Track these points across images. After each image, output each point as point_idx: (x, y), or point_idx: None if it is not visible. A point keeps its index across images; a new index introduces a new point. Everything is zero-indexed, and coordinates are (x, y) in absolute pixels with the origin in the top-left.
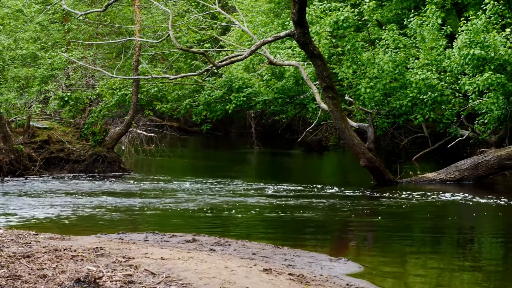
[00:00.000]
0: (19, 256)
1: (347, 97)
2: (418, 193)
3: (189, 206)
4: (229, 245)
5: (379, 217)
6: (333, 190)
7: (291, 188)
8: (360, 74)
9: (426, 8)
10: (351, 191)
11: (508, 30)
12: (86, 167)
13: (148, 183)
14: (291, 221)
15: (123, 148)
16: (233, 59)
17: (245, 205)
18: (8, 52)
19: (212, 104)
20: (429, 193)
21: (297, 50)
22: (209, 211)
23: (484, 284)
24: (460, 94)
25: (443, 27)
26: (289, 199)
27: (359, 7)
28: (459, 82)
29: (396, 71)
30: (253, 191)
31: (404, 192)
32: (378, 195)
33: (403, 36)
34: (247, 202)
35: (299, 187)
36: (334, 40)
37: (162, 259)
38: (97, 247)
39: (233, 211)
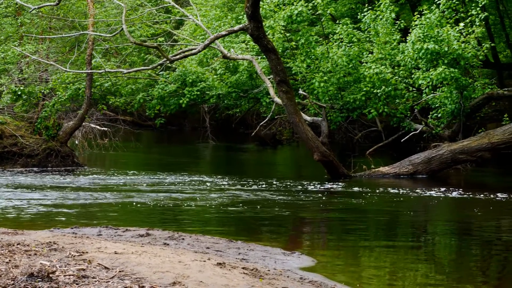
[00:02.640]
0: None
1: (301, 91)
2: (372, 187)
3: (143, 200)
4: (183, 239)
5: (333, 211)
6: (287, 184)
7: (245, 182)
8: (314, 68)
9: (380, 2)
10: (305, 185)
11: (461, 24)
12: (40, 161)
13: (102, 178)
14: (245, 215)
15: (76, 142)
16: (186, 53)
17: (199, 200)
18: None
19: (165, 98)
20: (382, 187)
21: (251, 44)
22: (163, 205)
23: (438, 277)
24: (413, 88)
25: (397, 22)
26: (243, 193)
27: (313, 1)
28: (412, 76)
29: (350, 66)
30: (207, 185)
31: (357, 186)
32: (332, 189)
33: (357, 30)
34: (201, 197)
35: (253, 181)
36: (288, 34)
37: (115, 253)
38: (51, 242)
39: (187, 205)
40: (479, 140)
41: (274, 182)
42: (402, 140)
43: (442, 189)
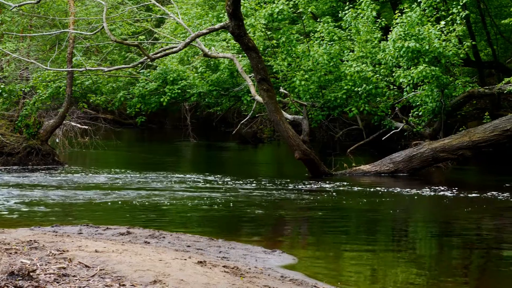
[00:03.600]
0: None
1: (282, 90)
2: (353, 185)
3: (123, 198)
4: (164, 237)
5: (314, 210)
6: (268, 183)
7: (226, 180)
8: (295, 67)
9: (361, 0)
10: (286, 184)
11: (442, 23)
12: (20, 160)
13: (83, 176)
14: (226, 214)
15: (57, 140)
16: (167, 51)
17: (180, 198)
18: None
19: (146, 96)
20: (363, 186)
21: (232, 42)
22: (144, 204)
23: (419, 275)
24: (394, 87)
25: (378, 20)
26: (224, 192)
27: (294, 0)
28: (393, 74)
29: (331, 64)
30: (188, 183)
31: (338, 185)
32: (313, 187)
33: (338, 28)
34: (182, 195)
35: (234, 180)
36: (269, 33)
37: (96, 251)
38: (31, 240)
39: (168, 204)
40: (460, 138)
41: (255, 181)
42: (383, 139)
43: (423, 187)
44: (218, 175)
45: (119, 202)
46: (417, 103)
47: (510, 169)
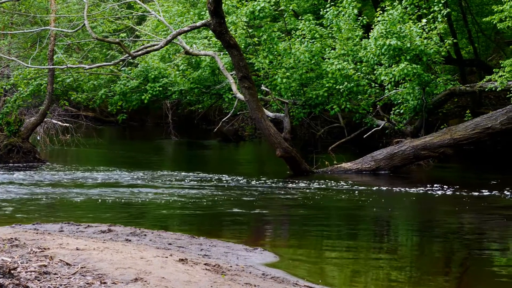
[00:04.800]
0: None
1: (263, 87)
2: (334, 183)
3: (104, 196)
4: (145, 235)
5: (295, 208)
6: (249, 181)
7: (208, 178)
8: (276, 64)
9: None
10: (267, 181)
11: (424, 20)
12: (1, 157)
13: (64, 174)
14: (207, 212)
15: (38, 138)
16: (149, 49)
17: (161, 196)
18: None
19: (127, 94)
20: (345, 183)
21: (214, 40)
22: (125, 201)
23: (400, 272)
24: (376, 85)
25: (359, 18)
26: (205, 189)
27: None
28: (375, 72)
29: (312, 61)
30: (169, 181)
31: (320, 182)
32: (294, 185)
33: (320, 26)
34: (164, 193)
35: (216, 177)
36: (250, 30)
37: (77, 249)
38: (12, 238)
39: (149, 201)
40: (441, 136)
41: (237, 179)
42: (364, 136)
43: (404, 185)
44: (200, 173)
45: (101, 200)
46: (399, 101)
47: (491, 167)
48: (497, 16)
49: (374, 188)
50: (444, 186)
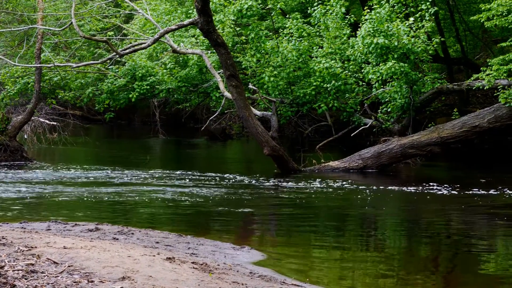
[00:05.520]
0: None
1: (250, 86)
2: (322, 181)
3: (92, 195)
4: (132, 234)
5: (283, 206)
6: (237, 179)
7: (196, 177)
8: (264, 63)
9: None
10: (255, 180)
11: (411, 19)
12: None
13: (51, 172)
14: (195, 210)
15: (25, 137)
16: (136, 47)
17: (149, 194)
18: None
19: (115, 92)
20: (332, 182)
21: (201, 38)
22: (112, 200)
23: (388, 270)
24: (363, 83)
25: (347, 16)
26: (193, 188)
27: None
28: (362, 71)
29: (300, 60)
30: (157, 180)
31: (307, 181)
32: (282, 183)
33: (307, 25)
34: (151, 191)
35: (204, 176)
36: (238, 29)
37: (64, 248)
38: None
39: (137, 200)
40: (428, 135)
41: (224, 177)
42: (352, 135)
43: (392, 184)
44: (187, 171)
45: (88, 198)
46: (386, 100)
47: (478, 166)
48: (484, 14)
49: (362, 187)
50: (432, 185)
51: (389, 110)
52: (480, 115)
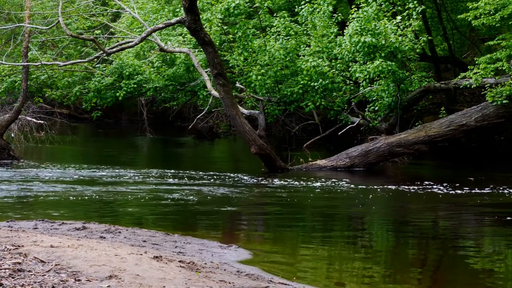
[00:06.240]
0: None
1: (238, 84)
2: (309, 180)
3: (79, 193)
4: (120, 232)
5: (270, 205)
6: (224, 178)
7: (183, 175)
8: (251, 61)
9: None
10: (242, 179)
11: (398, 17)
12: None
13: (38, 171)
14: (182, 209)
15: (12, 135)
16: (123, 45)
17: (136, 193)
18: None
19: (102, 91)
20: (320, 180)
21: (188, 37)
22: (99, 198)
23: (375, 269)
24: (351, 82)
25: (334, 15)
26: (180, 186)
27: None
28: (350, 69)
29: (287, 59)
30: (144, 178)
31: (295, 179)
32: (269, 182)
33: (294, 23)
34: (139, 190)
35: (191, 175)
36: (225, 27)
37: (51, 247)
38: None
39: (124, 198)
40: (416, 133)
41: (211, 176)
42: (339, 133)
43: (379, 182)
44: (174, 170)
45: (75, 197)
46: (373, 98)
47: (465, 164)
48: (472, 13)
49: (349, 186)
50: (419, 183)
51: (376, 108)
52: (467, 114)
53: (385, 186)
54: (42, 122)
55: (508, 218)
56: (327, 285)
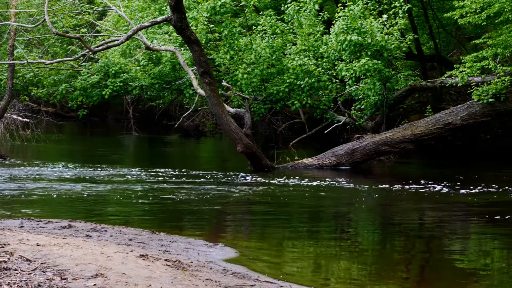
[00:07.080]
0: None
1: (224, 83)
2: (295, 178)
3: (65, 192)
4: (106, 231)
5: (257, 203)
6: (210, 176)
7: (169, 174)
8: (237, 60)
9: None
10: (228, 177)
11: (385, 16)
12: None
13: (24, 169)
14: (168, 208)
15: None
16: (109, 44)
17: (122, 192)
18: None
19: (88, 89)
20: (306, 179)
21: (174, 35)
22: (85, 197)
23: (361, 267)
24: (337, 80)
25: (320, 13)
26: (166, 185)
27: None
28: (336, 68)
29: (273, 57)
30: (130, 177)
31: (281, 178)
32: (255, 181)
33: (281, 22)
34: (125, 188)
35: (177, 173)
36: (211, 26)
37: (37, 245)
38: None
39: (110, 197)
40: (402, 132)
41: (197, 174)
42: (325, 132)
43: (365, 181)
44: (160, 169)
45: (61, 196)
46: (360, 97)
47: (451, 163)
48: (458, 11)
49: (335, 184)
50: (405, 181)
51: (362, 107)
52: (453, 112)
53: (371, 185)
54: (28, 120)
55: (495, 216)
56: (313, 283)
